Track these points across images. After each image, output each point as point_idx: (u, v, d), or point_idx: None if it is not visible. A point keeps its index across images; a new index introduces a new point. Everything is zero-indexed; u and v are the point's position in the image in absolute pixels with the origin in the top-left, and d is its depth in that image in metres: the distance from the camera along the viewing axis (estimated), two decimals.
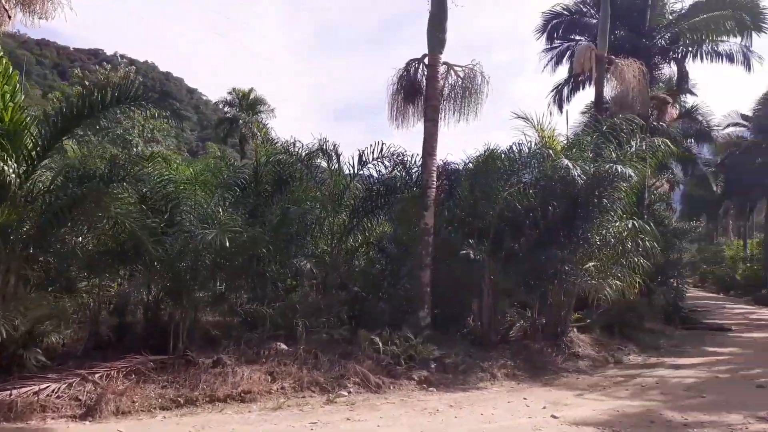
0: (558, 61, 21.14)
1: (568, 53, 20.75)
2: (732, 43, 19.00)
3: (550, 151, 11.22)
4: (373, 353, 9.48)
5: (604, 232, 11.80)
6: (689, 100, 27.90)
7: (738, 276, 40.91)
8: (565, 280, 11.86)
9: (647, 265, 13.13)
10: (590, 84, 18.42)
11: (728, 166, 37.33)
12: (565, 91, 21.21)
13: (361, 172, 13.73)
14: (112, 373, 7.78)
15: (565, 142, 12.55)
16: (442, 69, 11.37)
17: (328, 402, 7.89)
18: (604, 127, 12.18)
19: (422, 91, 11.49)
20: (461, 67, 11.56)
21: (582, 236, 11.73)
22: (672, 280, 20.72)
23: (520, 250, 11.19)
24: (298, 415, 7.22)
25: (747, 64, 19.01)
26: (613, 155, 11.55)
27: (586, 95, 21.58)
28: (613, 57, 16.06)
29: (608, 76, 15.69)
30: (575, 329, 13.28)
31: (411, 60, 11.74)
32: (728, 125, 36.44)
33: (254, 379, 8.14)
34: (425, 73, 11.39)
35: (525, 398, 8.45)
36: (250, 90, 44.19)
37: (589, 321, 14.12)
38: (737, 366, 11.51)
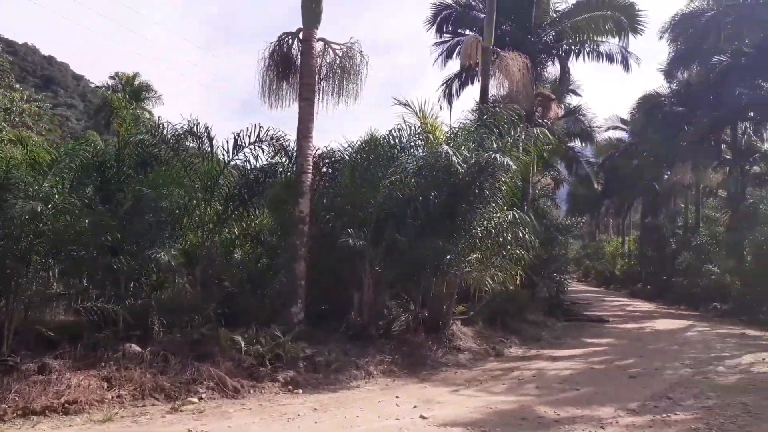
0: (448, 56, 21.05)
1: (458, 48, 20.67)
2: (612, 44, 19.77)
3: (430, 136, 10.79)
4: (236, 354, 8.55)
5: (485, 223, 11.55)
6: (574, 101, 29.08)
7: (617, 271, 43.40)
8: (447, 272, 11.51)
9: (530, 258, 13.10)
10: (478, 79, 18.39)
11: (608, 167, 39.56)
12: (455, 86, 21.15)
13: (237, 157, 12.86)
14: None
15: (448, 131, 12.19)
16: (318, 46, 10.60)
17: (173, 410, 6.88)
18: (486, 116, 11.96)
19: (297, 68, 10.67)
20: (339, 44, 10.85)
21: (464, 227, 11.44)
22: (555, 274, 21.26)
23: (402, 240, 10.65)
24: (129, 429, 6.17)
25: (626, 64, 19.84)
26: (494, 145, 11.31)
27: (475, 91, 21.61)
28: (498, 50, 16.03)
29: (494, 69, 15.62)
30: (459, 322, 13.04)
31: (284, 34, 10.86)
32: (609, 128, 38.57)
33: (85, 387, 6.97)
34: (300, 49, 10.56)
35: (397, 396, 7.88)
36: (135, 75, 41.17)
37: (472, 313, 13.95)
38: (612, 357, 11.66)
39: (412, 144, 10.57)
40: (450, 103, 21.03)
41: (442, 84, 21.29)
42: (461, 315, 13.86)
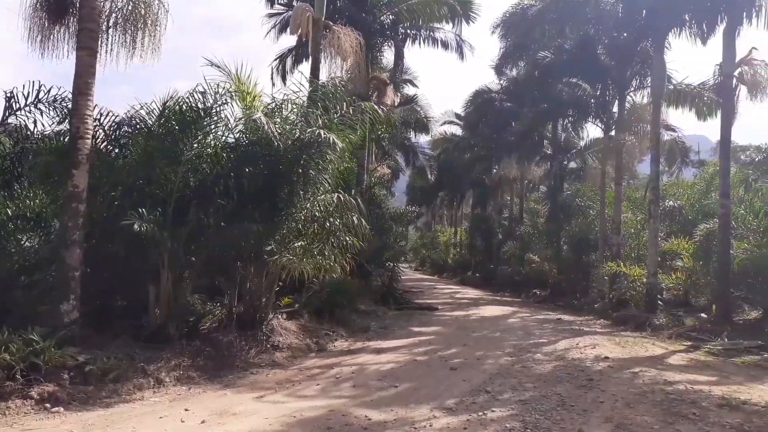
0: (282, 29, 19.66)
1: None
2: (447, 31, 19.84)
3: (247, 100, 9.49)
4: None
5: (308, 205, 10.51)
6: (411, 92, 29.24)
7: (450, 260, 45.23)
8: (265, 260, 10.33)
9: (361, 246, 12.33)
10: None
11: (443, 160, 40.86)
12: (289, 62, 19.92)
13: (8, 122, 10.65)
14: None
15: (272, 103, 10.91)
16: None
17: None
18: (310, 88, 10.92)
19: (77, 10, 8.73)
20: None
21: (287, 210, 10.31)
22: (389, 262, 21.03)
23: (209, 224, 9.23)
24: None
25: (460, 53, 20.02)
26: (320, 121, 10.28)
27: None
28: (330, 23, 15.06)
29: (325, 44, 14.60)
30: (283, 315, 11.94)
31: None
32: (445, 122, 39.75)
33: None
34: None
35: (187, 409, 6.53)
36: None
37: (297, 305, 12.92)
38: (436, 346, 11.27)
39: (217, 110, 9.12)
40: (284, 80, 19.77)
41: (275, 59, 19.95)
42: (286, 308, 12.78)
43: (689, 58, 25.75)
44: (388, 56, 21.20)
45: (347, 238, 11.62)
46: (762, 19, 14.29)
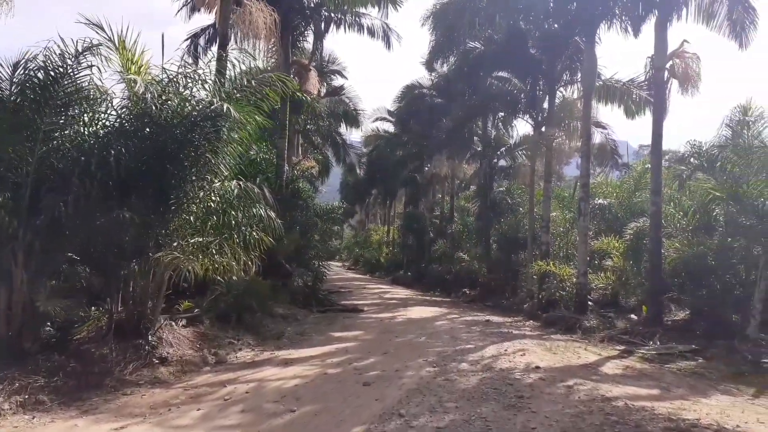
0: (194, 8, 17.95)
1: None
2: (374, 18, 18.72)
3: (123, 65, 7.99)
4: None
5: (203, 195, 9.09)
6: (340, 83, 27.99)
7: (382, 258, 44.32)
8: (150, 258, 8.83)
9: (274, 243, 10.96)
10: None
11: (375, 156, 39.90)
12: (202, 42, 18.25)
13: None
14: None
15: (162, 75, 9.36)
16: None
17: None
18: (208, 59, 9.54)
19: None
20: None
21: (176, 199, 8.86)
22: (313, 261, 19.74)
23: (71, 213, 7.67)
24: None
25: (387, 41, 19.00)
26: (218, 97, 8.87)
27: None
28: None
29: (236, 19, 13.12)
30: (181, 321, 10.45)
31: None
32: (377, 119, 38.72)
33: None
34: None
35: None
36: None
37: (197, 310, 11.41)
38: (353, 355, 10.07)
39: (74, 71, 7.54)
40: (196, 60, 17.97)
41: (187, 38, 18.20)
42: (185, 313, 11.25)
43: (619, 56, 25.77)
44: (311, 41, 19.89)
45: (255, 234, 10.25)
46: (692, 11, 14.02)
